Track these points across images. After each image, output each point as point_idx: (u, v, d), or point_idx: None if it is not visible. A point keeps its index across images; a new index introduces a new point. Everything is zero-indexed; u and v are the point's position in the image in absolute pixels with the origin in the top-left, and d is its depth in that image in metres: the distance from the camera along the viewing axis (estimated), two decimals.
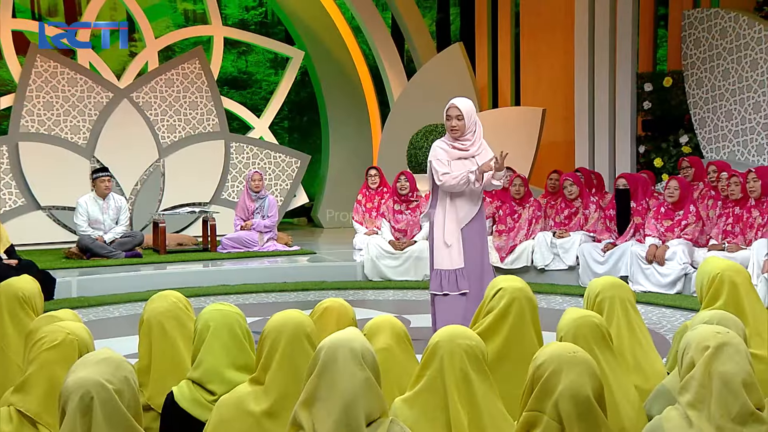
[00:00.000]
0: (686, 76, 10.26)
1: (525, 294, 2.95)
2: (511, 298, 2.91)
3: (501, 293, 2.95)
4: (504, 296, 2.92)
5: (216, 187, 11.90)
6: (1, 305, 3.09)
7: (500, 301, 2.93)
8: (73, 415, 1.85)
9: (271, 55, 15.77)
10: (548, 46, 12.35)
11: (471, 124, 5.45)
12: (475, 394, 2.27)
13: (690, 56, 10.22)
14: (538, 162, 11.53)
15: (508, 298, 2.91)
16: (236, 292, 7.94)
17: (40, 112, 10.93)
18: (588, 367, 2.05)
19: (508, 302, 2.90)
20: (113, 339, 5.81)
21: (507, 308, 2.89)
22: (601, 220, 8.11)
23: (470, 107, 5.48)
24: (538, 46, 12.58)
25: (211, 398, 2.51)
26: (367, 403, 1.99)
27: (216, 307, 2.66)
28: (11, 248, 7.69)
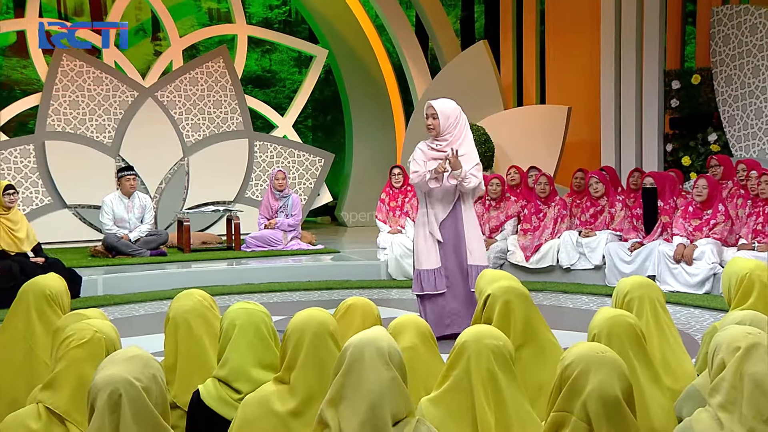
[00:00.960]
0: (715, 74, 10.14)
1: (516, 292, 2.97)
2: (504, 302, 2.94)
3: (491, 300, 2.96)
4: (496, 303, 2.94)
5: (240, 186, 11.95)
6: (29, 303, 3.12)
7: (493, 310, 2.94)
8: (101, 413, 1.87)
9: (295, 53, 15.82)
10: (574, 43, 12.27)
11: (448, 124, 5.50)
12: (502, 394, 2.26)
13: (719, 53, 10.10)
14: (564, 161, 11.46)
15: (501, 305, 2.93)
16: (260, 291, 7.97)
17: (66, 111, 11.04)
18: (617, 367, 2.03)
19: (504, 311, 2.91)
20: (138, 337, 5.86)
21: (505, 317, 2.90)
22: (628, 218, 8.05)
23: (448, 108, 5.54)
24: (563, 44, 12.51)
25: (237, 397, 2.53)
26: (393, 402, 1.99)
27: (242, 305, 2.67)
28: (38, 246, 7.79)
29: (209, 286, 7.84)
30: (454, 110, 5.54)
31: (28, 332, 3.06)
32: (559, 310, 7.11)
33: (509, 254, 8.42)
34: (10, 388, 2.99)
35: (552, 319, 6.66)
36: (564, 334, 6.00)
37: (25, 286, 3.19)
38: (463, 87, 12.01)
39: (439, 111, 5.47)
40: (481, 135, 10.96)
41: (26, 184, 10.74)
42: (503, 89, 12.50)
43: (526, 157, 10.74)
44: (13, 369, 3.02)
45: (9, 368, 3.03)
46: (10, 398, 2.96)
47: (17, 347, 3.06)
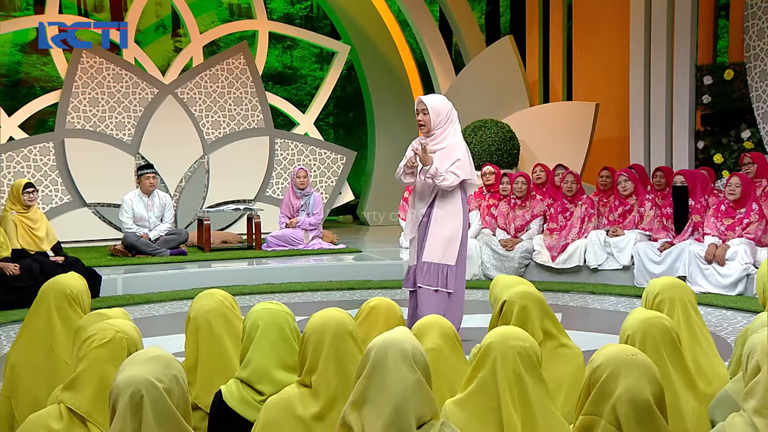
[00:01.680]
0: (749, 68, 10.03)
1: (532, 297, 2.98)
2: (521, 307, 2.94)
3: (508, 306, 2.96)
4: (513, 309, 2.95)
5: (260, 184, 12.01)
6: (50, 302, 3.15)
7: (510, 316, 2.95)
8: (123, 414, 1.89)
9: (317, 49, 15.85)
10: (602, 37, 12.19)
11: (439, 120, 5.45)
12: (528, 397, 2.25)
13: (753, 47, 9.99)
14: (591, 158, 11.39)
15: (518, 310, 2.94)
16: (281, 291, 8.00)
17: (85, 109, 11.14)
18: (648, 370, 2.02)
19: (521, 316, 2.92)
20: (158, 337, 5.90)
21: (522, 323, 2.91)
22: (658, 218, 7.99)
23: (439, 103, 5.48)
24: (591, 38, 12.44)
25: (259, 398, 2.54)
26: (417, 405, 1.99)
27: (265, 305, 2.68)
28: (58, 245, 7.86)
29: (229, 285, 7.89)
30: (445, 106, 5.48)
31: (49, 332, 3.10)
32: (586, 312, 7.07)
33: (535, 254, 8.39)
34: (31, 388, 3.02)
35: (579, 320, 6.65)
36: (591, 336, 5.96)
37: (46, 285, 3.22)
38: (488, 83, 11.99)
39: (430, 107, 5.42)
40: (506, 132, 10.93)
41: (46, 182, 10.86)
42: (529, 85, 12.45)
43: (552, 155, 10.69)
44: (34, 369, 3.05)
45: (30, 368, 3.06)
46: (31, 398, 2.99)
47: (38, 347, 3.09)
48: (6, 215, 7.57)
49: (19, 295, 7.04)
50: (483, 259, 8.45)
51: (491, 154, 10.64)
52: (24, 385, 3.03)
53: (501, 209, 8.74)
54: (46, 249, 7.70)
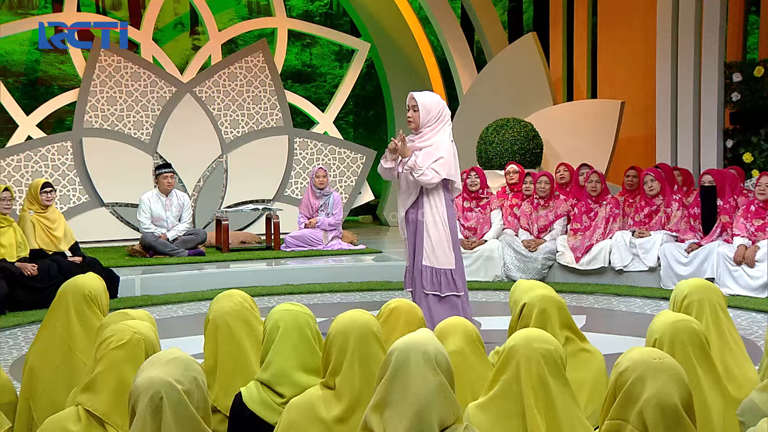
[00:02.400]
0: None
1: (552, 301, 2.98)
2: (541, 310, 2.94)
3: (527, 309, 2.96)
4: (532, 312, 2.95)
5: (279, 184, 12.04)
6: (68, 303, 3.17)
7: (530, 319, 2.95)
8: (142, 416, 1.90)
9: (336, 47, 15.88)
10: (627, 34, 12.12)
11: (429, 118, 5.40)
12: (553, 401, 2.24)
13: None
14: (616, 158, 11.33)
15: (537, 313, 2.94)
16: (300, 292, 8.02)
17: (103, 108, 11.23)
18: (676, 374, 2.01)
19: (540, 320, 2.92)
20: (176, 339, 5.94)
21: (542, 326, 2.91)
22: (685, 218, 7.93)
23: (430, 101, 5.43)
24: (616, 35, 12.37)
25: (280, 401, 2.55)
26: (440, 408, 1.99)
27: (285, 307, 2.69)
28: (75, 245, 7.93)
29: (248, 286, 7.91)
30: (437, 105, 5.42)
31: (67, 333, 3.12)
32: (611, 314, 7.04)
33: (558, 255, 8.35)
34: (50, 389, 3.05)
35: (603, 323, 6.62)
36: (616, 338, 5.94)
37: (64, 286, 3.25)
38: (511, 81, 11.96)
39: (421, 104, 5.38)
40: (529, 131, 10.89)
41: (63, 181, 10.95)
42: (552, 83, 12.40)
43: (576, 154, 10.64)
44: (53, 370, 3.08)
45: (48, 369, 3.09)
46: (49, 399, 3.02)
47: (56, 348, 3.11)
48: (24, 215, 7.65)
49: (37, 295, 7.11)
50: (505, 261, 8.42)
51: (513, 153, 10.62)
52: (42, 386, 3.06)
53: (524, 209, 8.71)
54: (64, 249, 7.76)
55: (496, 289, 8.07)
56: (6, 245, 7.16)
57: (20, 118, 11.09)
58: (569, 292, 7.85)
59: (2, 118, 12.74)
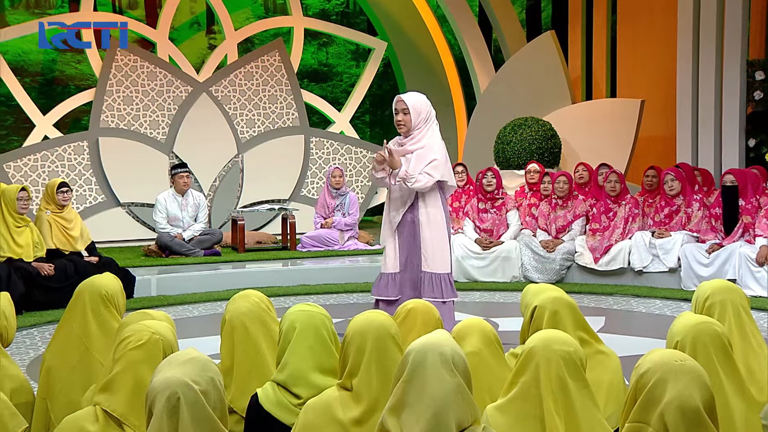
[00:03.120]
0: None
1: (563, 302, 2.97)
2: (552, 312, 2.93)
3: (539, 312, 2.96)
4: (544, 314, 2.94)
5: (295, 184, 12.06)
6: (85, 303, 3.19)
7: (541, 321, 2.94)
8: (159, 416, 1.91)
9: (353, 46, 15.89)
10: (648, 32, 12.06)
11: (419, 120, 5.36)
12: (572, 403, 2.23)
13: None
14: (635, 157, 11.28)
15: (549, 315, 2.93)
16: (316, 293, 8.04)
17: (119, 107, 11.29)
18: (697, 376, 1.99)
19: (552, 322, 2.91)
20: (192, 339, 5.96)
21: (554, 328, 2.90)
22: (706, 219, 7.88)
23: (419, 102, 5.39)
24: (636, 33, 12.30)
25: (296, 402, 2.55)
26: (458, 410, 1.98)
27: (301, 307, 2.69)
28: (92, 245, 7.98)
29: (264, 286, 7.92)
30: (425, 105, 5.40)
31: (84, 333, 3.14)
32: (631, 315, 7.01)
33: (577, 256, 8.32)
34: (67, 389, 3.07)
35: (623, 324, 6.60)
36: (636, 340, 5.91)
37: (81, 286, 3.27)
38: (529, 80, 11.92)
39: (411, 107, 5.33)
40: (548, 131, 10.86)
41: (80, 181, 11.02)
42: (571, 82, 12.35)
43: (594, 153, 10.59)
44: (69, 370, 3.10)
45: (65, 369, 3.10)
46: (66, 399, 3.04)
47: (73, 348, 3.13)
48: (41, 215, 7.70)
49: (53, 295, 7.17)
50: (523, 261, 8.40)
51: (532, 153, 10.58)
52: (59, 386, 3.08)
53: (542, 209, 8.68)
54: (80, 249, 7.81)
55: (514, 290, 8.05)
56: (23, 245, 7.22)
57: (37, 118, 11.17)
58: (588, 293, 7.83)
59: (19, 118, 12.85)
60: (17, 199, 7.18)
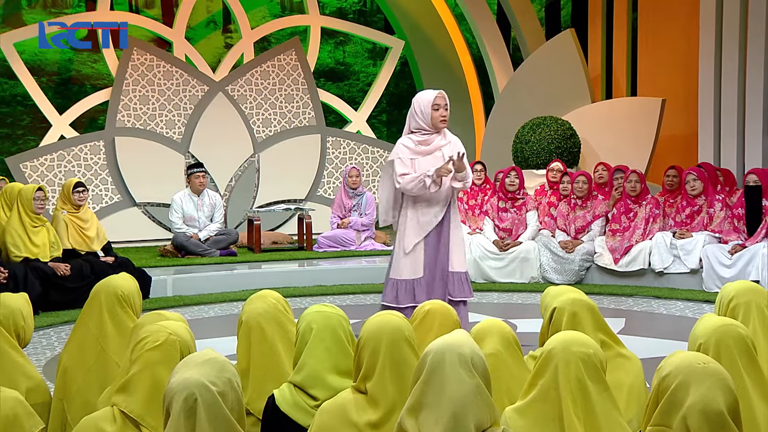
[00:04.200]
0: None
1: (582, 304, 2.96)
2: (572, 314, 2.93)
3: (558, 314, 2.96)
4: (563, 316, 2.94)
5: (312, 184, 12.09)
6: (101, 303, 3.21)
7: (560, 323, 2.94)
8: (177, 417, 1.92)
9: (370, 45, 15.90)
10: (669, 29, 11.98)
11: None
12: (592, 405, 2.23)
13: None
14: (656, 157, 11.21)
15: (568, 317, 2.93)
16: (332, 293, 8.04)
17: (136, 107, 11.35)
18: (721, 379, 1.98)
19: (571, 324, 2.90)
20: (208, 340, 5.98)
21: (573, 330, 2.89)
22: (728, 219, 7.82)
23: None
24: (657, 30, 12.24)
25: (313, 403, 2.55)
26: (477, 411, 1.98)
27: (318, 308, 2.69)
28: (108, 245, 8.03)
29: (280, 287, 7.94)
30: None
31: (100, 333, 3.16)
32: (651, 317, 6.97)
33: (596, 257, 8.29)
34: (83, 389, 3.09)
35: (643, 326, 6.56)
36: (657, 342, 5.88)
37: (97, 286, 3.28)
38: (548, 79, 11.88)
39: (448, 102, 5.37)
40: (567, 130, 10.82)
41: (96, 181, 11.09)
42: (591, 81, 12.30)
43: (614, 153, 10.55)
44: (86, 370, 3.12)
45: (81, 369, 3.12)
46: (83, 400, 3.06)
47: (89, 348, 3.15)
48: (57, 215, 7.76)
49: (70, 295, 7.21)
50: (542, 262, 8.37)
51: (551, 152, 10.54)
52: (76, 387, 3.10)
53: (561, 210, 8.65)
54: (96, 249, 7.86)
55: (532, 291, 8.03)
56: (39, 245, 7.27)
57: (53, 118, 11.25)
58: (608, 294, 7.79)
59: (35, 118, 12.95)
60: (33, 198, 7.22)
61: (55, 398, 3.15)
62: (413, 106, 5.40)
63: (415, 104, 5.38)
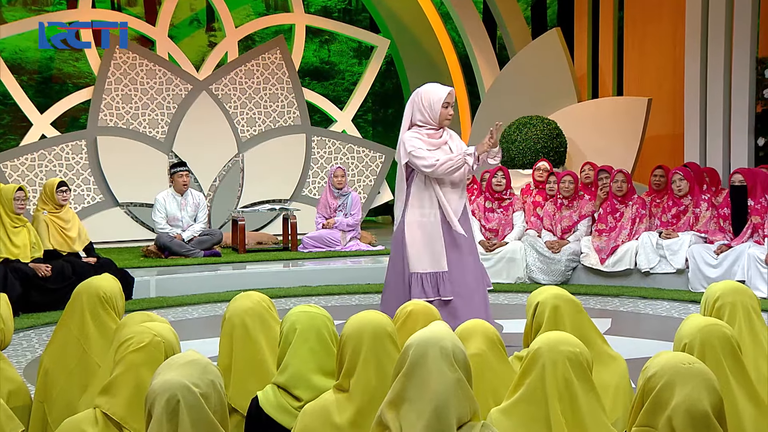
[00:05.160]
0: None
1: (564, 298, 2.98)
2: (553, 307, 2.94)
3: (540, 308, 2.98)
4: (545, 310, 2.95)
5: (297, 184, 12.07)
6: (83, 305, 3.19)
7: (543, 317, 2.95)
8: (159, 419, 1.91)
9: (355, 43, 15.89)
10: (655, 29, 12.05)
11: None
12: (578, 405, 2.23)
13: None
14: (642, 157, 11.26)
15: (550, 310, 2.94)
16: (317, 294, 8.04)
17: (118, 106, 11.30)
18: (705, 379, 1.99)
19: (552, 317, 2.93)
20: (191, 341, 5.95)
21: (555, 324, 2.90)
22: (714, 219, 7.87)
23: None
24: (643, 30, 12.29)
25: (297, 404, 2.55)
26: (458, 404, 1.98)
27: (303, 308, 2.69)
28: (90, 246, 7.98)
29: (264, 288, 7.93)
30: None
31: (82, 335, 3.13)
32: (637, 317, 7.00)
33: (583, 257, 8.32)
34: (64, 392, 3.06)
35: (630, 326, 6.59)
36: (643, 342, 5.91)
37: (79, 287, 3.26)
38: (534, 78, 11.91)
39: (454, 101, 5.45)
40: (553, 129, 10.85)
41: (78, 181, 11.03)
42: (577, 80, 12.35)
43: (601, 153, 10.59)
44: (67, 373, 3.09)
45: (63, 372, 3.10)
46: (64, 402, 3.04)
47: (71, 350, 3.13)
48: (38, 215, 7.71)
49: (51, 296, 7.17)
50: (528, 262, 8.39)
51: (537, 152, 10.57)
52: (57, 389, 3.08)
53: (547, 210, 8.68)
54: (78, 250, 7.81)
55: (518, 291, 8.05)
56: (20, 246, 7.22)
57: (34, 117, 11.18)
58: (594, 294, 7.82)
59: (16, 117, 12.86)
60: (14, 199, 7.17)
61: (36, 401, 3.13)
62: (420, 100, 5.27)
63: (423, 98, 5.26)
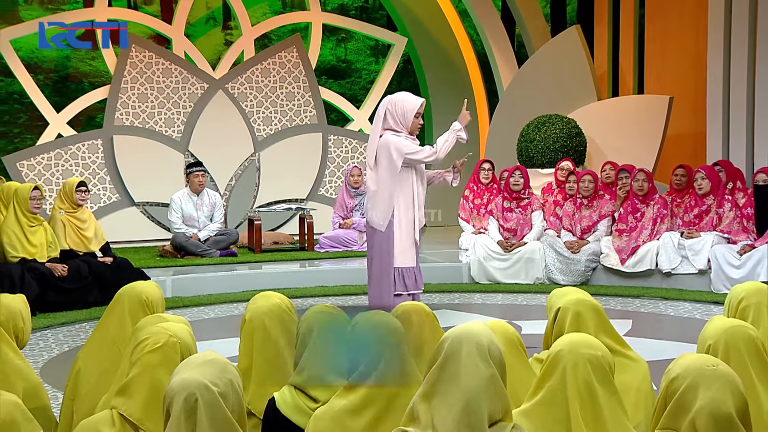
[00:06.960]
0: None
1: (587, 305, 2.96)
2: (575, 314, 2.93)
3: (562, 313, 2.96)
4: (567, 316, 2.94)
5: (313, 183, 12.09)
6: (124, 307, 3.19)
7: (564, 323, 2.94)
8: (177, 417, 1.92)
9: (372, 42, 15.91)
10: (677, 26, 11.97)
11: None
12: (600, 409, 2.22)
13: None
14: (664, 156, 11.20)
15: (571, 317, 2.93)
16: (334, 294, 8.05)
17: (134, 105, 11.36)
18: (730, 382, 1.98)
19: (574, 324, 2.90)
20: (208, 341, 5.97)
21: (577, 330, 2.88)
22: (737, 219, 7.82)
23: None
24: (664, 27, 12.22)
25: (314, 405, 2.56)
26: (490, 401, 1.98)
27: (319, 309, 2.70)
28: (106, 246, 8.03)
29: (281, 288, 7.94)
30: None
31: (120, 337, 3.13)
32: (658, 319, 6.97)
33: (603, 257, 8.28)
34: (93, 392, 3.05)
35: (650, 328, 6.56)
36: (664, 344, 5.88)
37: (122, 290, 3.26)
38: (554, 76, 11.87)
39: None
40: (573, 128, 10.81)
41: (94, 180, 11.10)
42: (597, 78, 12.29)
43: (621, 152, 10.53)
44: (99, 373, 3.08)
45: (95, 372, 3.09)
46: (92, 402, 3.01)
47: (106, 351, 3.12)
48: (54, 215, 7.76)
49: (67, 296, 7.22)
50: (547, 262, 8.38)
51: (556, 151, 10.53)
52: (87, 389, 3.08)
53: (566, 209, 8.65)
54: (94, 249, 7.86)
55: (537, 291, 8.03)
56: (36, 245, 7.27)
57: (50, 116, 11.25)
58: (614, 295, 7.79)
59: (32, 116, 12.97)
60: (30, 198, 7.22)
61: (66, 399, 3.14)
62: (393, 107, 5.74)
63: (397, 107, 5.74)
